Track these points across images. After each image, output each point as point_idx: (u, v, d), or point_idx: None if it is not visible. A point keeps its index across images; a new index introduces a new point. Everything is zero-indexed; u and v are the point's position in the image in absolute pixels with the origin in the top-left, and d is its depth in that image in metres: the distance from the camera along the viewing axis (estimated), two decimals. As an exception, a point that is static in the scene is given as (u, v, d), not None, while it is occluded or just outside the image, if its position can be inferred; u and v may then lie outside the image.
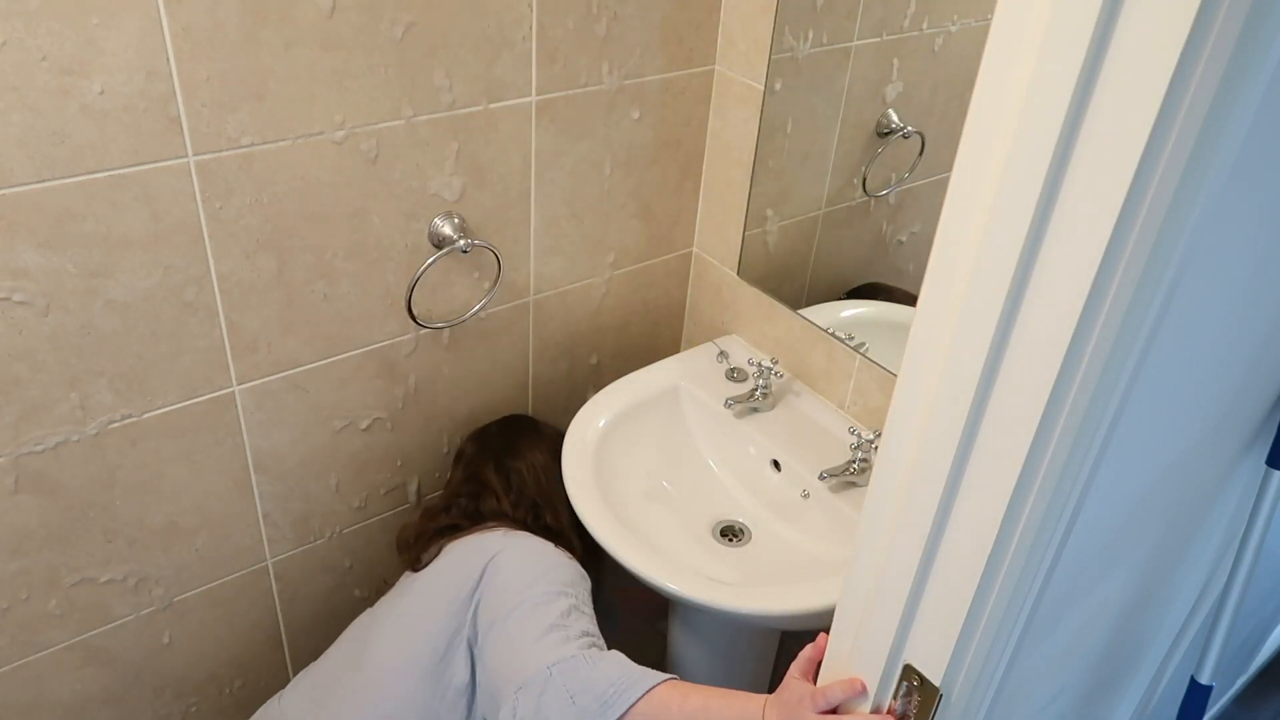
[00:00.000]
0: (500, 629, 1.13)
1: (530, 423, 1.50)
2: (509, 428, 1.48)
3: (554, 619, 1.10)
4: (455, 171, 1.27)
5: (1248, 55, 0.46)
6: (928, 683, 0.71)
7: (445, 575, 1.25)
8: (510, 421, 1.51)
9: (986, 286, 0.56)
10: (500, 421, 1.50)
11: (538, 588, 1.14)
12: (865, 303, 1.45)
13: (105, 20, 0.95)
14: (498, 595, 1.17)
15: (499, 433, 1.47)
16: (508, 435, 1.46)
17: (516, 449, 1.42)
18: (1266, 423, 0.93)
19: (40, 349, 1.08)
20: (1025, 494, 0.60)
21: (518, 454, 1.41)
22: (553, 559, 1.21)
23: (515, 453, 1.42)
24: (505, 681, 1.08)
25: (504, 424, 1.50)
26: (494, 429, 1.48)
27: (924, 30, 1.25)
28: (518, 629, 1.11)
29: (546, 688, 1.02)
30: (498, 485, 1.38)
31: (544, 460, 1.41)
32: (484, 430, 1.48)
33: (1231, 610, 0.99)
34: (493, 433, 1.47)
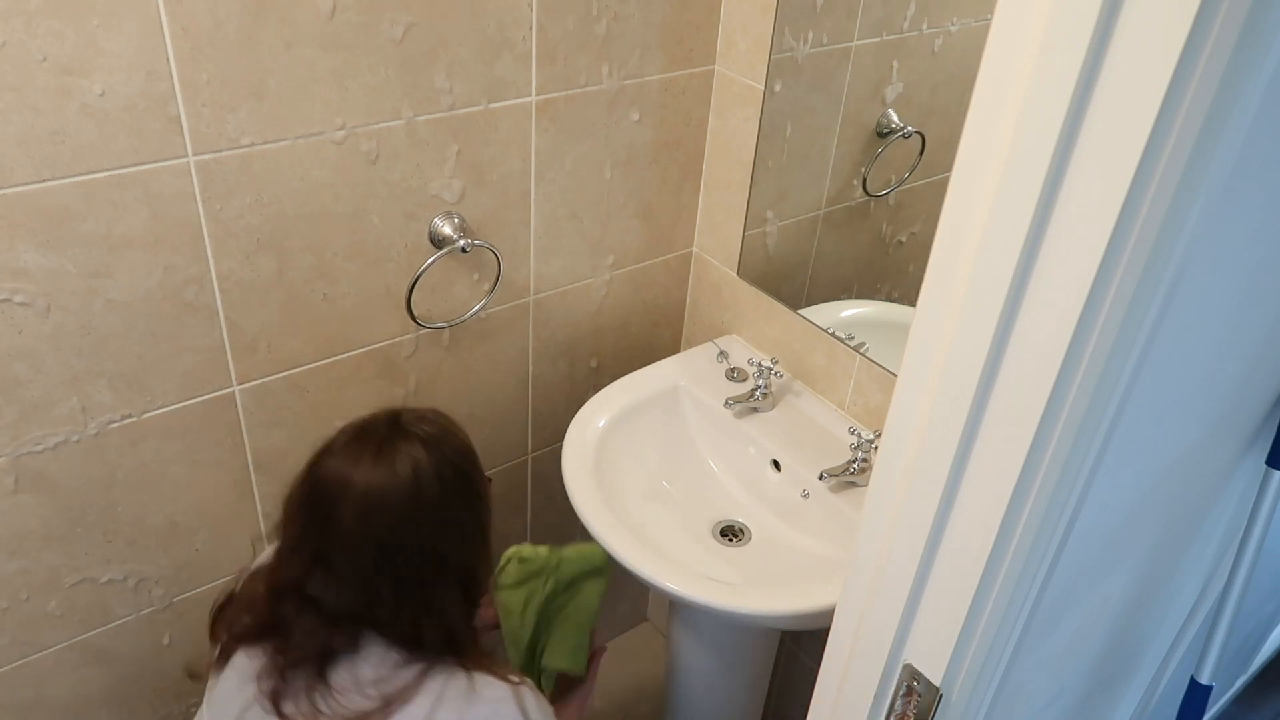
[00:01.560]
0: None
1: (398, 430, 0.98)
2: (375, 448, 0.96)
3: None
4: (455, 171, 1.28)
5: (1248, 55, 0.46)
6: (928, 683, 0.71)
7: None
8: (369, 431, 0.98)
9: (986, 286, 0.56)
10: (356, 435, 0.98)
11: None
12: (865, 303, 1.45)
13: (105, 20, 0.95)
14: None
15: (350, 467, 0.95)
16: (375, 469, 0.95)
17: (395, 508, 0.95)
18: (1266, 423, 0.93)
19: (40, 349, 1.08)
20: (1025, 494, 0.60)
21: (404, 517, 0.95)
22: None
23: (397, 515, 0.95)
24: None
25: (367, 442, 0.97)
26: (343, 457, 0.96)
27: (924, 31, 1.25)
28: None
29: None
30: (386, 582, 0.95)
31: (454, 511, 0.98)
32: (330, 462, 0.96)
33: (1231, 610, 0.99)
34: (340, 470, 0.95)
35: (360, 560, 0.94)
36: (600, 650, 1.29)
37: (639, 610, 2.13)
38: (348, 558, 0.94)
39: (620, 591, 2.02)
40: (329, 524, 0.94)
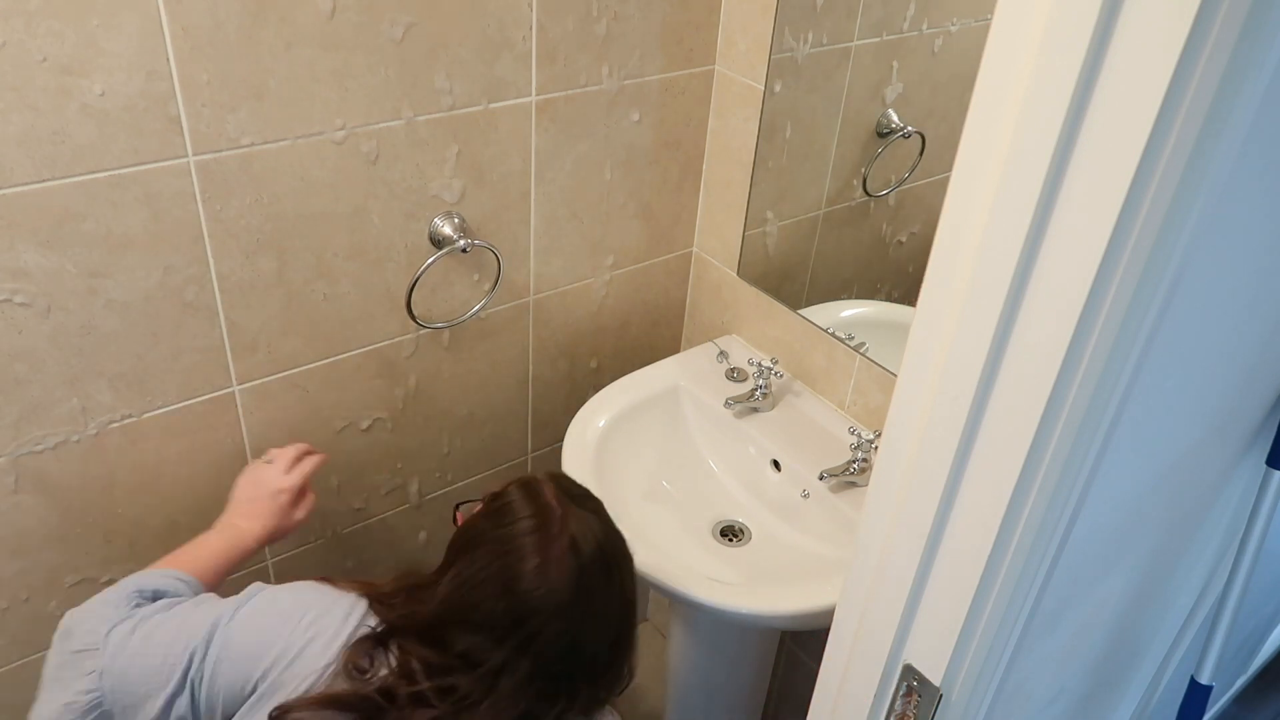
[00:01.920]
0: None
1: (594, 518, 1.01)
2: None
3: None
4: (455, 172, 1.28)
5: (1248, 55, 0.46)
6: (928, 683, 0.71)
7: None
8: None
9: (986, 286, 0.56)
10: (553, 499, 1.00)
11: None
12: (865, 303, 1.45)
13: (105, 20, 0.95)
14: None
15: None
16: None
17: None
18: (1266, 423, 0.93)
19: (40, 349, 1.08)
20: (1025, 494, 0.60)
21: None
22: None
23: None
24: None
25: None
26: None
27: (924, 31, 1.25)
28: None
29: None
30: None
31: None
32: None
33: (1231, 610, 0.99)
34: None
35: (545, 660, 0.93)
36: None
37: (639, 610, 2.13)
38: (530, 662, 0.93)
39: (620, 591, 2.02)
40: (527, 641, 0.92)
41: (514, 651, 0.92)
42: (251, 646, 0.95)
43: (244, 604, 0.99)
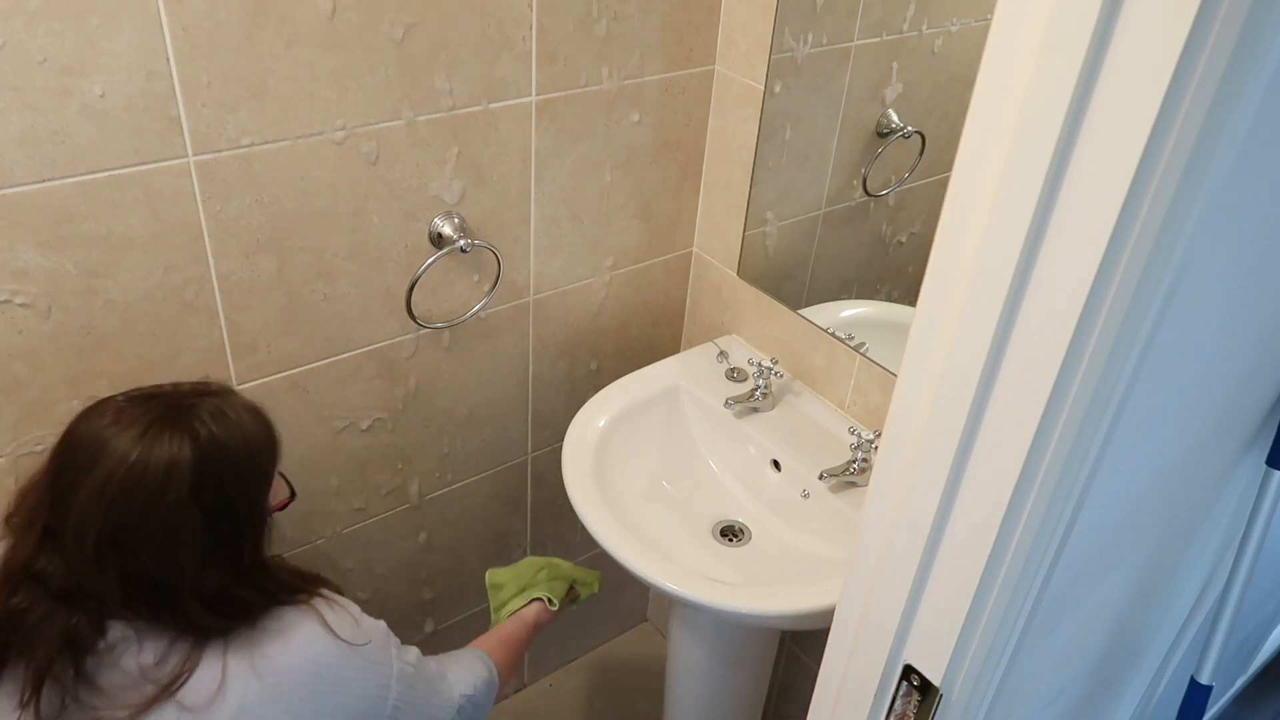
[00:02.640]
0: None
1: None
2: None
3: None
4: (455, 172, 1.28)
5: (1248, 55, 0.46)
6: (928, 683, 0.71)
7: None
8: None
9: (986, 286, 0.56)
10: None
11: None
12: (865, 303, 1.45)
13: (105, 20, 0.95)
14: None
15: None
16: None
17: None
18: (1266, 423, 0.93)
19: (40, 349, 1.08)
20: (1025, 494, 0.60)
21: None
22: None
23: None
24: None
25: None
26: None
27: (924, 31, 1.25)
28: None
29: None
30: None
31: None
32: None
33: (1231, 610, 0.99)
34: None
35: (85, 540, 0.84)
36: (574, 594, 1.39)
37: (639, 610, 2.13)
38: (75, 533, 0.85)
39: (620, 591, 2.02)
40: (68, 491, 0.85)
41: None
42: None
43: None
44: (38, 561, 0.86)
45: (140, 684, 0.85)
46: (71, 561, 0.85)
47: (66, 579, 0.86)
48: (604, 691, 2.01)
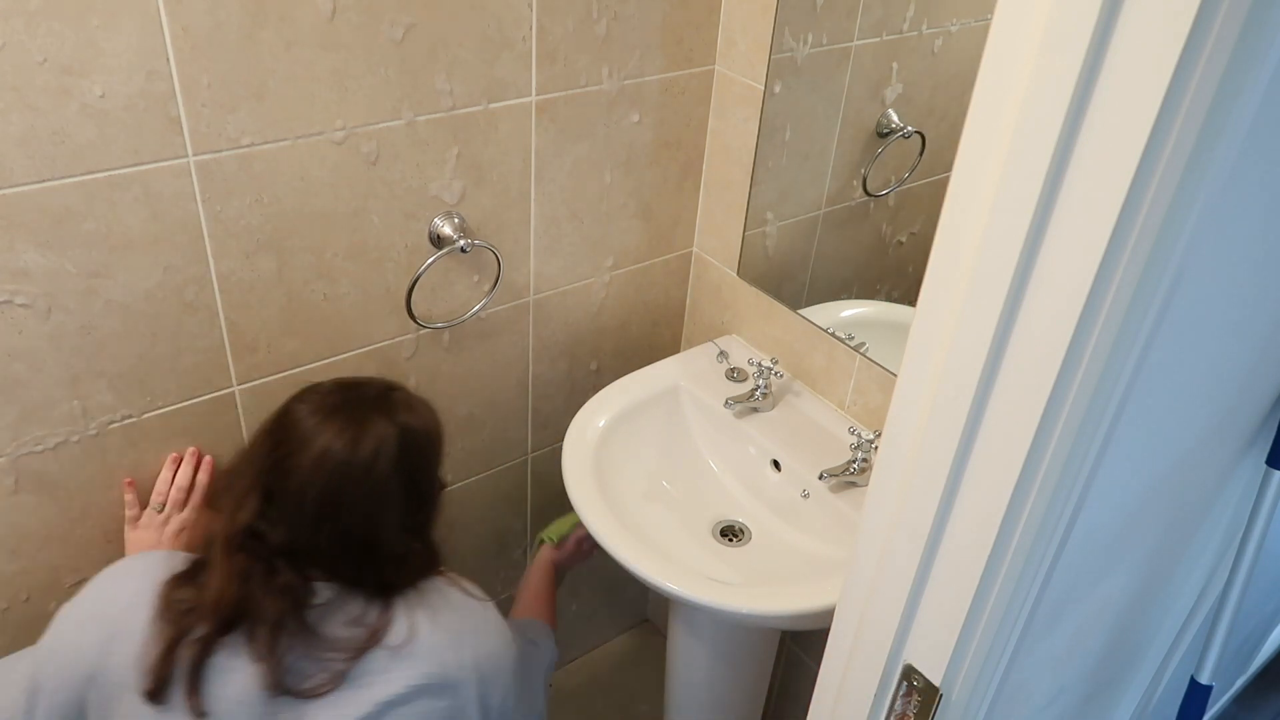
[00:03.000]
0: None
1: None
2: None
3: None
4: (455, 172, 1.28)
5: (1248, 55, 0.46)
6: (928, 683, 0.71)
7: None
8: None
9: (986, 286, 0.56)
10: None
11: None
12: (865, 303, 1.45)
13: (105, 21, 0.95)
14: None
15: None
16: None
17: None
18: (1266, 423, 0.93)
19: (40, 349, 1.08)
20: (1025, 494, 0.60)
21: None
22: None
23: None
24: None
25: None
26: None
27: (924, 31, 1.25)
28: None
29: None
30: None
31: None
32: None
33: (1231, 610, 0.99)
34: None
35: (305, 501, 0.98)
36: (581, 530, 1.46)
37: (639, 610, 2.13)
38: (296, 496, 0.98)
39: (620, 591, 2.02)
40: (287, 459, 0.99)
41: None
42: (67, 666, 0.96)
43: (46, 636, 1.00)
44: (259, 524, 0.98)
45: (352, 633, 0.99)
46: (291, 522, 0.98)
47: (286, 539, 0.98)
48: (604, 691, 2.01)
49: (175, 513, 1.20)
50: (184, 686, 0.93)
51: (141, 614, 0.95)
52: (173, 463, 1.22)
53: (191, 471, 1.22)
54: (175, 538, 1.20)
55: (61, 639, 0.98)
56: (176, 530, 1.20)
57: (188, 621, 0.94)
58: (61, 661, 0.96)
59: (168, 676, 0.93)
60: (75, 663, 0.96)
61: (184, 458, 1.22)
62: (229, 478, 1.05)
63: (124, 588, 0.99)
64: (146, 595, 0.97)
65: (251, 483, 1.00)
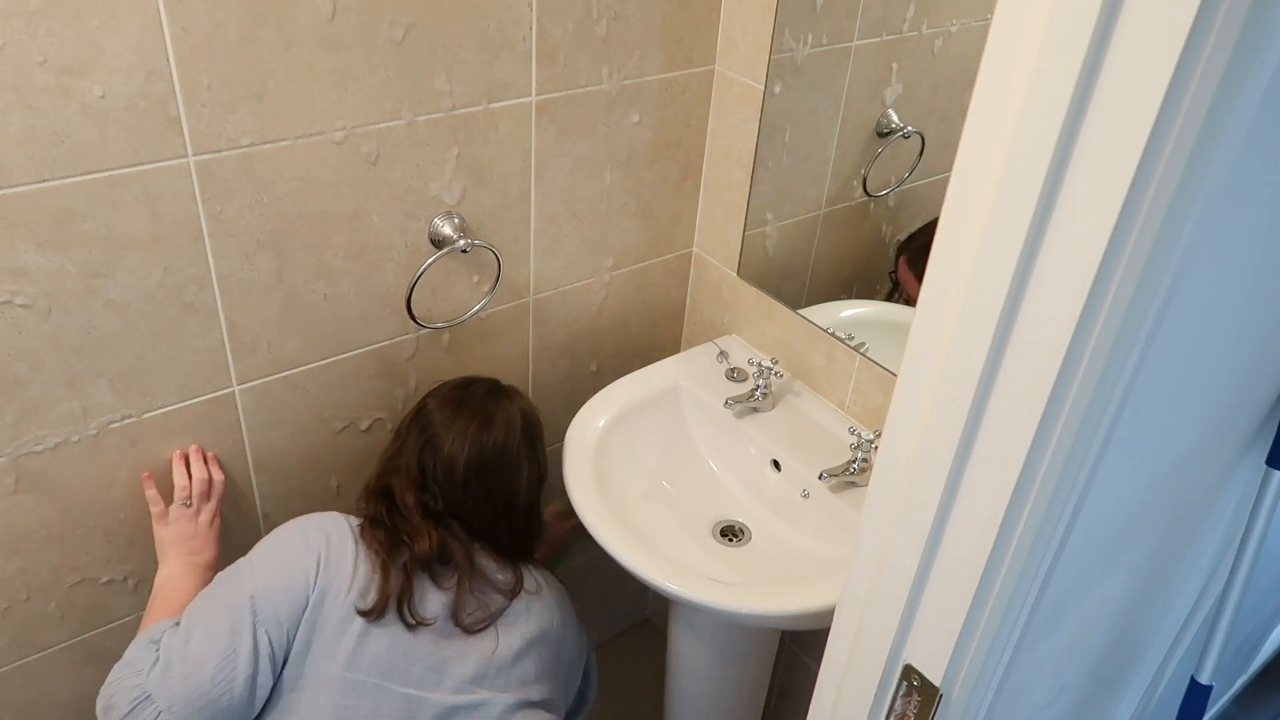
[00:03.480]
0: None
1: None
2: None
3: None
4: (455, 172, 1.28)
5: (1248, 55, 0.46)
6: (928, 683, 0.71)
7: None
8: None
9: (986, 286, 0.56)
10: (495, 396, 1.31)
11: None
12: (865, 303, 1.45)
13: (105, 21, 0.95)
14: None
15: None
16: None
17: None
18: (1266, 423, 0.93)
19: (40, 349, 1.08)
20: (1025, 494, 0.60)
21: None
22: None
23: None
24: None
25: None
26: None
27: (924, 31, 1.25)
28: None
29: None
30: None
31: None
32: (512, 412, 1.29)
33: (1231, 610, 0.99)
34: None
35: (455, 470, 1.22)
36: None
37: (639, 610, 2.13)
38: (446, 466, 1.22)
39: (620, 591, 2.02)
40: (436, 439, 1.23)
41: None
42: (286, 581, 1.10)
43: (256, 556, 1.14)
44: (425, 496, 1.21)
45: (504, 578, 1.22)
46: (443, 489, 1.21)
47: (446, 505, 1.22)
48: (604, 691, 2.01)
49: (204, 504, 1.24)
50: (399, 604, 1.12)
51: (349, 548, 1.14)
52: (180, 459, 1.24)
53: (203, 465, 1.25)
54: (210, 527, 1.24)
55: (276, 573, 1.11)
56: (209, 519, 1.24)
57: (395, 556, 1.14)
58: (283, 590, 1.09)
59: (387, 599, 1.11)
60: (298, 589, 1.10)
61: (189, 454, 1.25)
62: (384, 466, 1.26)
63: (326, 529, 1.16)
64: (349, 535, 1.16)
65: (409, 463, 1.22)
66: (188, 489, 1.23)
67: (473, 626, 1.16)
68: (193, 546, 1.22)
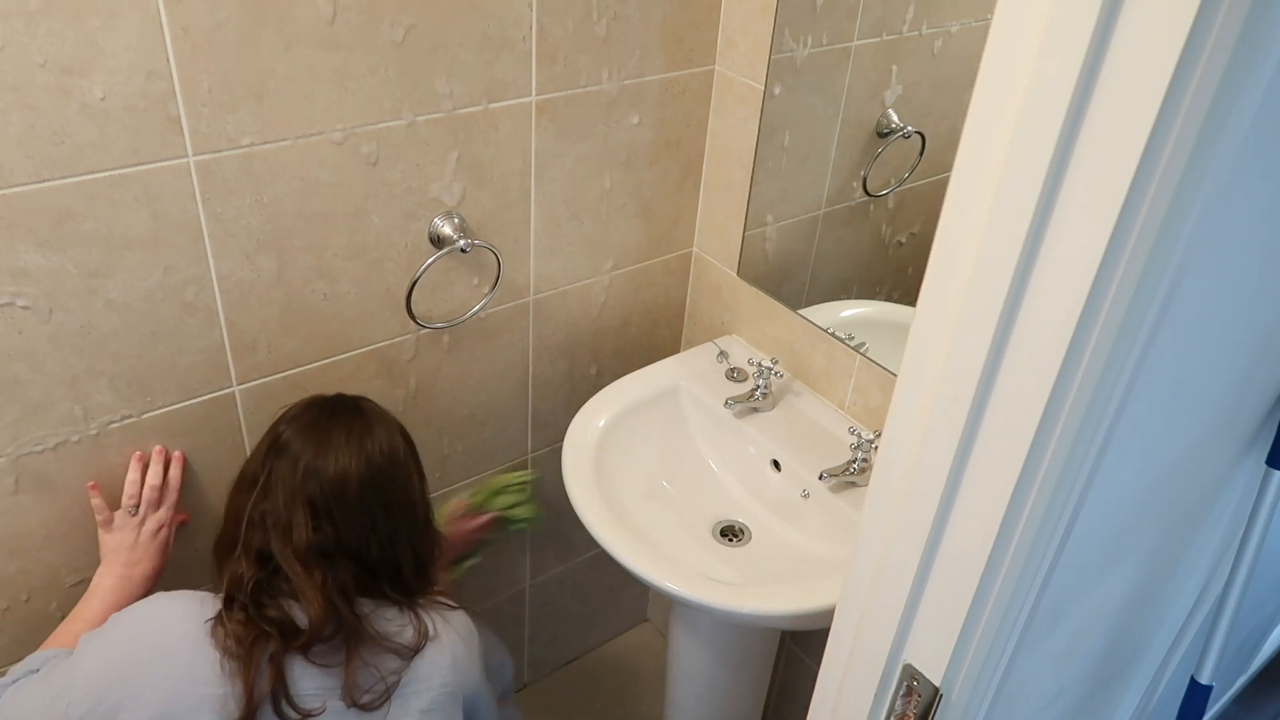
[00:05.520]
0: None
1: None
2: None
3: None
4: (455, 172, 1.28)
5: (1248, 55, 0.46)
6: (928, 683, 0.71)
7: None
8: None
9: (986, 286, 0.56)
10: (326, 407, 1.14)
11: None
12: (865, 303, 1.45)
13: (105, 21, 0.95)
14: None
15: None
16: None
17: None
18: (1266, 423, 0.93)
19: (40, 349, 1.08)
20: (1025, 494, 0.60)
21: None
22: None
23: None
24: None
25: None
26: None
27: (924, 32, 1.25)
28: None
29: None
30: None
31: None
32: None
33: (1231, 610, 0.99)
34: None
35: (351, 497, 1.06)
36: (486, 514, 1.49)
37: (639, 610, 2.13)
38: (339, 503, 1.05)
39: (620, 591, 2.02)
40: (315, 472, 1.06)
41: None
42: (102, 684, 0.98)
43: (90, 642, 1.02)
44: (317, 536, 1.04)
45: (394, 643, 1.05)
46: (337, 517, 1.05)
47: (340, 542, 1.05)
48: (604, 691, 2.01)
49: (151, 512, 1.19)
50: (275, 704, 0.98)
51: (188, 652, 0.99)
52: (138, 462, 1.19)
53: (161, 470, 1.20)
54: (153, 537, 1.19)
55: (97, 672, 0.99)
56: (154, 530, 1.19)
57: (258, 650, 0.99)
58: (96, 694, 0.97)
59: (255, 707, 0.97)
60: (110, 697, 0.97)
61: (151, 456, 1.20)
62: (248, 508, 1.07)
63: (163, 628, 1.01)
64: (189, 636, 1.00)
65: (288, 501, 1.04)
66: (136, 496, 1.18)
67: (369, 705, 1.02)
68: (131, 557, 1.16)
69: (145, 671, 0.98)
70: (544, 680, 2.01)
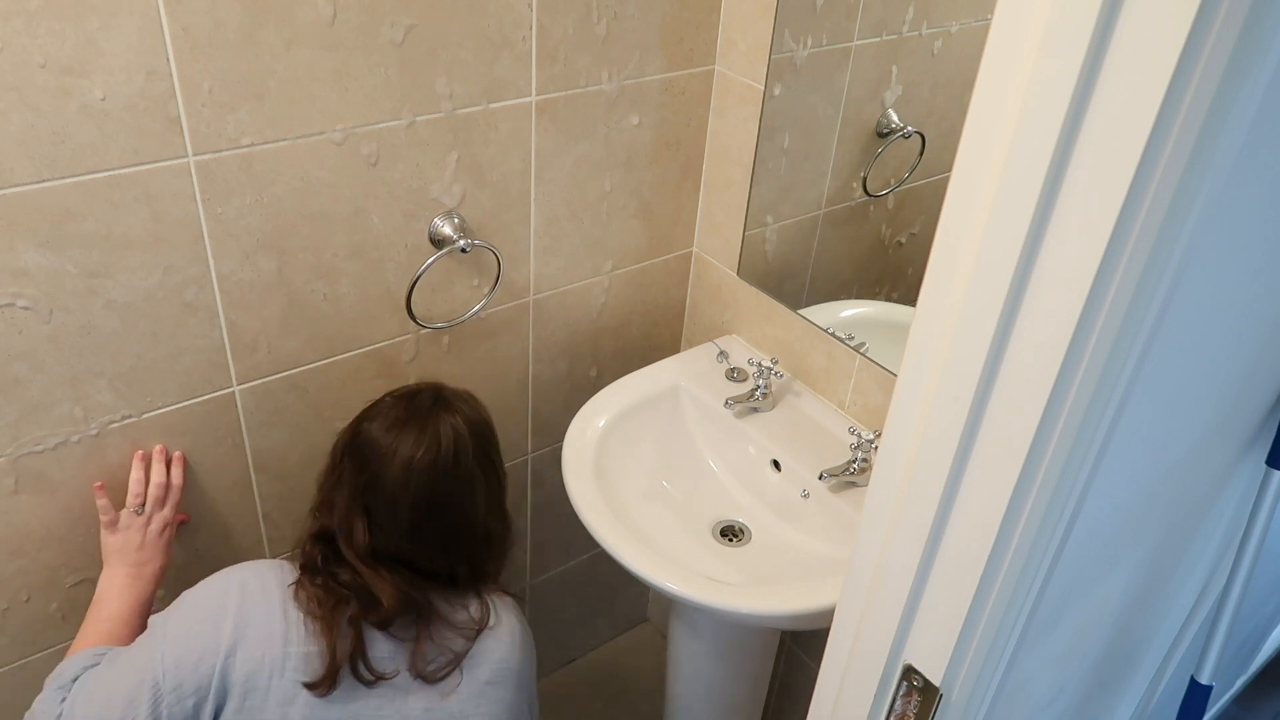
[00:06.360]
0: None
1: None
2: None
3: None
4: (455, 172, 1.28)
5: (1248, 55, 0.46)
6: (928, 683, 0.71)
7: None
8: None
9: (986, 286, 0.56)
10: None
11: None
12: (865, 302, 1.46)
13: (105, 21, 0.95)
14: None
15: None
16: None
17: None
18: (1266, 423, 0.94)
19: (40, 349, 1.08)
20: (1025, 494, 0.60)
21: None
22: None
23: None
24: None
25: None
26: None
27: (923, 32, 1.25)
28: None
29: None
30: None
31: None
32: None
33: (1231, 610, 0.99)
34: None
35: (400, 514, 1.09)
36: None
37: (639, 610, 2.13)
38: (391, 511, 1.09)
39: (620, 591, 2.02)
40: (376, 479, 1.09)
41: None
42: (193, 653, 1.02)
43: (171, 619, 1.05)
44: (376, 538, 1.09)
45: (459, 623, 1.12)
46: (394, 530, 1.09)
47: (395, 545, 1.10)
48: (604, 691, 2.01)
49: (157, 511, 1.19)
50: (353, 665, 1.04)
51: (275, 612, 1.05)
52: (141, 461, 1.20)
53: (164, 469, 1.21)
54: (160, 536, 1.19)
55: (183, 643, 1.02)
56: (160, 529, 1.19)
57: (338, 613, 1.05)
58: (189, 663, 1.01)
59: (337, 667, 1.03)
60: (205, 664, 1.02)
61: (152, 456, 1.21)
62: (322, 506, 1.14)
63: (247, 591, 1.06)
64: (276, 596, 1.06)
65: (350, 503, 1.10)
66: (142, 495, 1.18)
67: (434, 675, 1.09)
68: (139, 557, 1.17)
69: (238, 633, 1.03)
70: (544, 680, 2.01)
